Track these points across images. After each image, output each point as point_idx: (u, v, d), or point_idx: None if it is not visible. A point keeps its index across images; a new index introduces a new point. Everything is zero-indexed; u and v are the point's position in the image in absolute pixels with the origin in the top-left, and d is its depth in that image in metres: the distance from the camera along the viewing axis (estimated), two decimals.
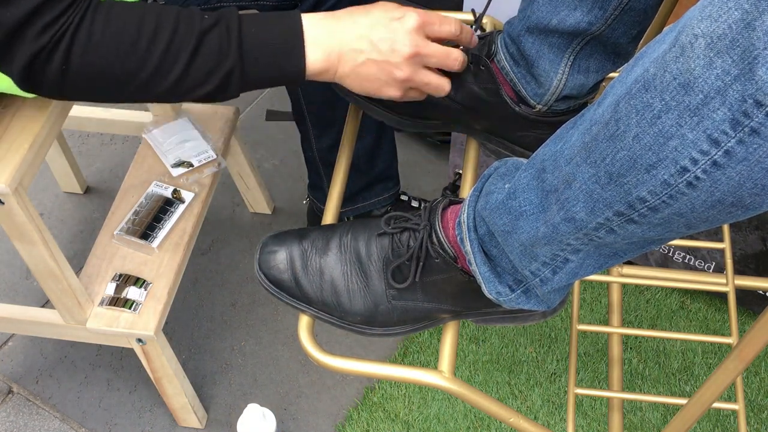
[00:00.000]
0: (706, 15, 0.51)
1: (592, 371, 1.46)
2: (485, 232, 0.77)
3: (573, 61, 0.88)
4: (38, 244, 1.07)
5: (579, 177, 0.64)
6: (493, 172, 0.81)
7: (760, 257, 1.36)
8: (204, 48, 0.80)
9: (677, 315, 1.53)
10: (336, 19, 0.85)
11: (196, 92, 0.82)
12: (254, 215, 1.73)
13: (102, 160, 1.83)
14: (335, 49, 0.83)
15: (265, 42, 0.82)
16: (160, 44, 0.79)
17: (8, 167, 0.97)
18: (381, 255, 0.85)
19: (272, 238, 0.89)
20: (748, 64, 0.49)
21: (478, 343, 1.50)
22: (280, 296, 0.88)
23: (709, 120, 0.52)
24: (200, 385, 1.47)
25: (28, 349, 1.53)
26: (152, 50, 0.78)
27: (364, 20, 0.84)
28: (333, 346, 1.51)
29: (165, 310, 1.25)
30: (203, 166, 1.40)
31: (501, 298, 0.79)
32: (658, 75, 0.55)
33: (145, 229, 1.30)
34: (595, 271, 0.74)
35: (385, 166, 1.44)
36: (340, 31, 0.84)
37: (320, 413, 1.44)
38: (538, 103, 0.92)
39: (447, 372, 0.83)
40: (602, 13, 0.84)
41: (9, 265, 1.65)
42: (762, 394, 1.42)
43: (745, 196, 0.54)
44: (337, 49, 0.83)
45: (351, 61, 0.84)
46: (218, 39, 0.80)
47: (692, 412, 0.88)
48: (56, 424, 1.43)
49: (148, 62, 0.79)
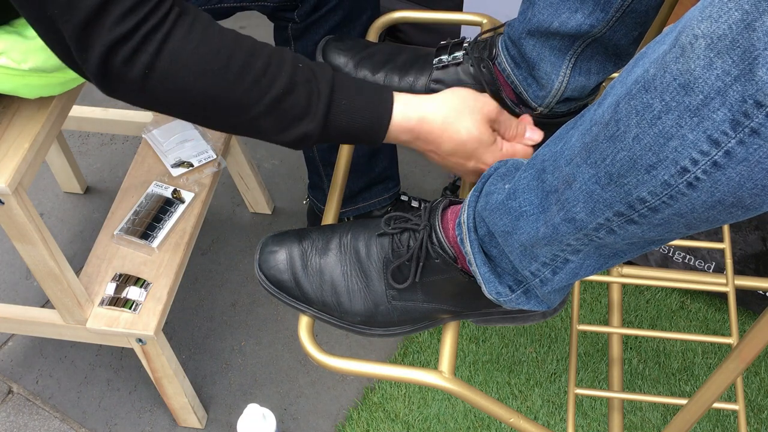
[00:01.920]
0: (707, 15, 0.51)
1: (592, 371, 1.46)
2: (485, 232, 0.77)
3: (574, 63, 0.88)
4: (38, 244, 1.07)
5: (579, 177, 0.64)
6: (493, 172, 0.81)
7: (760, 257, 1.36)
8: (291, 97, 0.78)
9: (677, 315, 1.53)
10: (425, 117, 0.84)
11: (269, 136, 0.81)
12: (254, 215, 1.73)
13: (102, 160, 1.83)
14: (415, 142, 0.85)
15: (351, 120, 0.81)
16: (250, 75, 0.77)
17: (8, 167, 0.97)
18: (381, 255, 0.85)
19: (272, 239, 0.89)
20: (748, 64, 0.49)
21: (478, 343, 1.50)
22: (280, 296, 0.88)
23: (709, 120, 0.52)
24: (200, 385, 1.47)
25: (28, 349, 1.53)
26: (242, 79, 0.77)
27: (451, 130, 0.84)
28: (333, 346, 1.51)
29: (165, 310, 1.25)
30: (203, 166, 1.40)
31: (501, 299, 0.79)
32: (658, 75, 0.55)
33: (145, 229, 1.30)
34: (595, 272, 0.74)
35: (385, 167, 1.44)
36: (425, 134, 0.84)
37: (320, 413, 1.44)
38: (539, 105, 0.92)
39: (447, 372, 0.83)
40: (603, 16, 0.84)
41: (9, 265, 1.65)
42: (762, 394, 1.42)
43: (745, 197, 0.54)
44: (417, 143, 0.85)
45: (428, 153, 0.86)
46: (307, 95, 0.79)
47: (692, 412, 0.88)
48: (56, 424, 1.43)
49: (232, 96, 0.77)
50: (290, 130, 0.80)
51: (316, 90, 0.79)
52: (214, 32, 0.77)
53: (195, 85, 0.76)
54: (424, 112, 0.83)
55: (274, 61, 0.78)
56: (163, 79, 0.75)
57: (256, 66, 0.77)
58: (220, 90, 0.76)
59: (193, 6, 0.78)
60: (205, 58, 0.75)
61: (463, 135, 0.83)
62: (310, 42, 1.23)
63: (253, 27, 2.08)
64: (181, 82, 0.75)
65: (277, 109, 0.78)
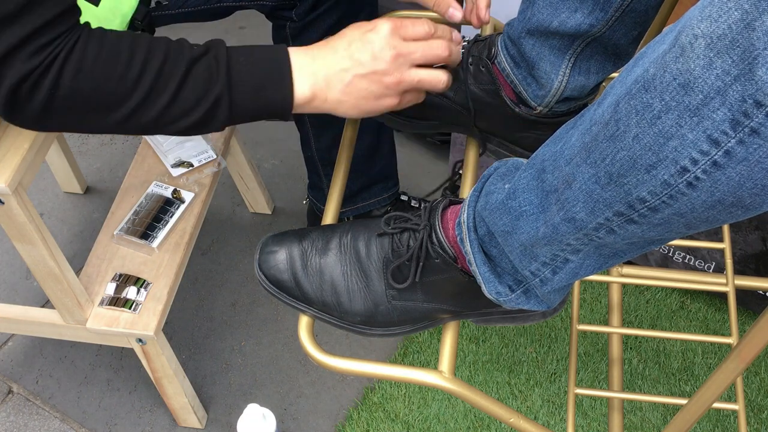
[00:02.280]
0: (706, 15, 0.51)
1: (592, 371, 1.46)
2: (485, 232, 0.77)
3: (574, 62, 0.88)
4: (38, 244, 1.07)
5: (579, 177, 0.64)
6: (493, 172, 0.81)
7: (760, 257, 1.36)
8: (193, 75, 0.80)
9: (677, 315, 1.53)
10: (317, 49, 0.85)
11: (181, 122, 0.81)
12: (254, 215, 1.73)
13: (102, 160, 1.83)
14: (320, 75, 0.84)
15: (253, 70, 0.82)
16: (152, 70, 0.78)
17: (8, 167, 0.97)
18: (381, 255, 0.85)
19: (272, 239, 0.89)
20: (748, 64, 0.49)
21: (478, 343, 1.50)
22: (280, 296, 0.88)
23: (709, 120, 0.52)
24: (200, 385, 1.47)
25: (28, 349, 1.53)
26: (143, 76, 0.78)
27: (341, 42, 0.85)
28: (333, 346, 1.51)
29: (165, 310, 1.25)
30: (203, 166, 1.40)
31: (501, 299, 0.79)
32: (658, 75, 0.55)
33: (145, 229, 1.30)
34: (595, 271, 0.74)
35: (385, 166, 1.44)
36: (321, 57, 0.84)
37: (320, 413, 1.44)
38: (539, 105, 0.92)
39: (447, 372, 0.83)
40: (603, 15, 0.84)
41: (9, 265, 1.65)
42: (762, 394, 1.42)
43: (745, 197, 0.54)
44: (322, 74, 0.84)
45: (338, 82, 0.84)
46: (207, 67, 0.80)
47: (692, 412, 0.88)
48: (56, 424, 1.43)
49: (139, 88, 0.78)
50: (200, 106, 0.80)
51: (213, 58, 0.81)
52: (111, 38, 0.79)
53: (101, 91, 0.77)
54: (314, 45, 0.86)
55: (173, 48, 0.80)
56: (68, 93, 0.76)
57: (157, 57, 0.78)
58: (126, 88, 0.78)
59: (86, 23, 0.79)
60: (107, 63, 0.77)
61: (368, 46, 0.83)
62: (308, 40, 1.23)
63: (253, 27, 2.09)
64: (87, 90, 0.77)
65: (184, 89, 0.79)
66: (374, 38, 0.84)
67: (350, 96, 0.85)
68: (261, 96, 0.83)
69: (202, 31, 2.03)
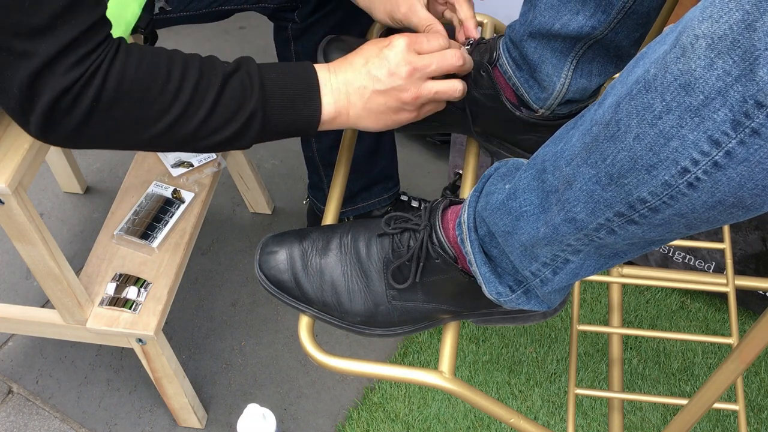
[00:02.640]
0: (707, 16, 0.51)
1: (592, 371, 1.46)
2: (485, 232, 0.77)
3: (576, 65, 0.88)
4: (38, 244, 1.07)
5: (579, 178, 0.64)
6: (493, 172, 0.81)
7: (760, 257, 1.36)
8: (229, 89, 0.80)
9: (677, 315, 1.53)
10: (336, 65, 0.87)
11: (216, 136, 0.81)
12: (254, 215, 1.73)
13: (102, 160, 1.83)
14: (342, 91, 0.85)
15: (285, 87, 0.83)
16: (190, 84, 0.78)
17: (8, 167, 0.97)
18: (381, 255, 0.85)
19: (272, 239, 0.89)
20: (749, 65, 0.49)
21: (478, 343, 1.50)
22: (280, 296, 0.88)
23: (709, 121, 0.52)
24: (200, 385, 1.47)
25: (28, 349, 1.53)
26: (182, 89, 0.78)
27: (359, 59, 0.87)
28: (333, 346, 1.51)
29: (165, 310, 1.25)
30: (203, 166, 1.40)
31: (501, 299, 0.79)
32: (659, 76, 0.55)
33: (145, 229, 1.30)
34: (595, 272, 0.74)
35: (385, 167, 1.44)
36: (342, 72, 0.86)
37: (320, 413, 1.44)
38: (541, 107, 0.92)
39: (447, 372, 0.83)
40: (605, 17, 0.84)
41: (9, 265, 1.65)
42: (762, 394, 1.42)
43: (745, 197, 0.54)
44: (343, 90, 0.85)
45: (359, 98, 0.85)
46: (241, 82, 0.81)
47: (692, 413, 0.88)
48: (56, 424, 1.43)
49: (178, 101, 0.78)
50: (235, 121, 0.81)
51: (246, 74, 0.82)
52: (148, 50, 0.79)
53: (141, 104, 0.77)
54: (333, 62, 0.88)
55: (206, 62, 0.81)
56: (108, 107, 0.75)
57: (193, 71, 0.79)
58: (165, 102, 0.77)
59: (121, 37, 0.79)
60: (148, 76, 0.77)
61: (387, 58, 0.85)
62: (309, 42, 1.24)
63: (253, 27, 2.09)
64: (127, 104, 0.76)
65: (220, 103, 0.80)
66: (390, 55, 0.85)
67: (370, 112, 0.86)
68: (291, 111, 0.84)
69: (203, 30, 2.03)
